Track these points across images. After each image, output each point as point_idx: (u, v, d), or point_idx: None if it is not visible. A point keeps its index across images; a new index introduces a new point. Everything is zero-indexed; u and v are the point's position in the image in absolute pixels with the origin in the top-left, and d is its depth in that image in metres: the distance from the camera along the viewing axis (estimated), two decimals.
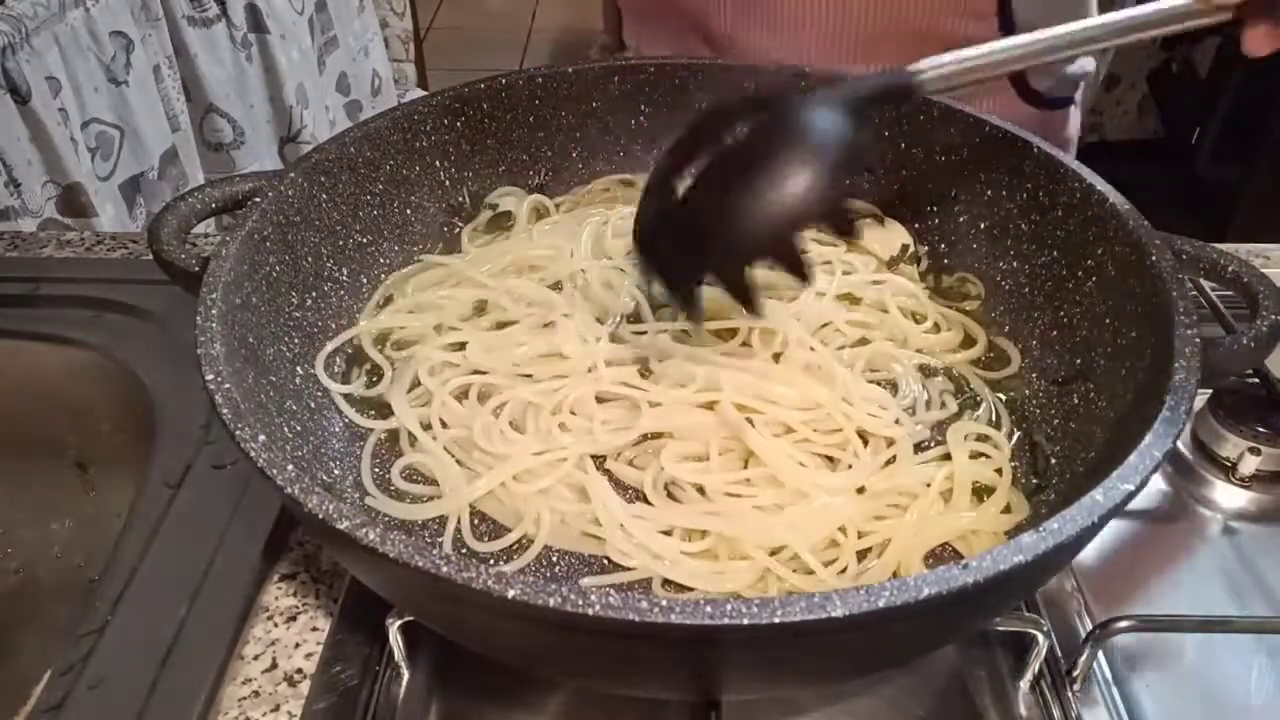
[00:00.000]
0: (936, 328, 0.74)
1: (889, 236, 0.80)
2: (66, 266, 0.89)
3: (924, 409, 0.67)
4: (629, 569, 0.57)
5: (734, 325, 0.71)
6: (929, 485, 0.61)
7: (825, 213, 0.58)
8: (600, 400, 0.66)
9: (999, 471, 0.63)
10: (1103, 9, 0.66)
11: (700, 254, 0.60)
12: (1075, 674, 0.56)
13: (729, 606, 0.39)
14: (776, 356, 0.68)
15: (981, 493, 0.62)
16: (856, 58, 0.92)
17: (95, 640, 0.56)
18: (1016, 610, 0.59)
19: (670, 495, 0.61)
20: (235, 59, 1.75)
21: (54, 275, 0.86)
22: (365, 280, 0.75)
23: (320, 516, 0.44)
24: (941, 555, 0.59)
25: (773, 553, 0.57)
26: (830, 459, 0.63)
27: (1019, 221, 0.72)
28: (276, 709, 0.56)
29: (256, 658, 0.58)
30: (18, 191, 1.33)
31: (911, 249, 0.79)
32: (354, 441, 0.66)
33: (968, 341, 0.73)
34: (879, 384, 0.68)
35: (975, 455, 0.64)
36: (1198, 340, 0.53)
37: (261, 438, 0.48)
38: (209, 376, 0.51)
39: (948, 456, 0.63)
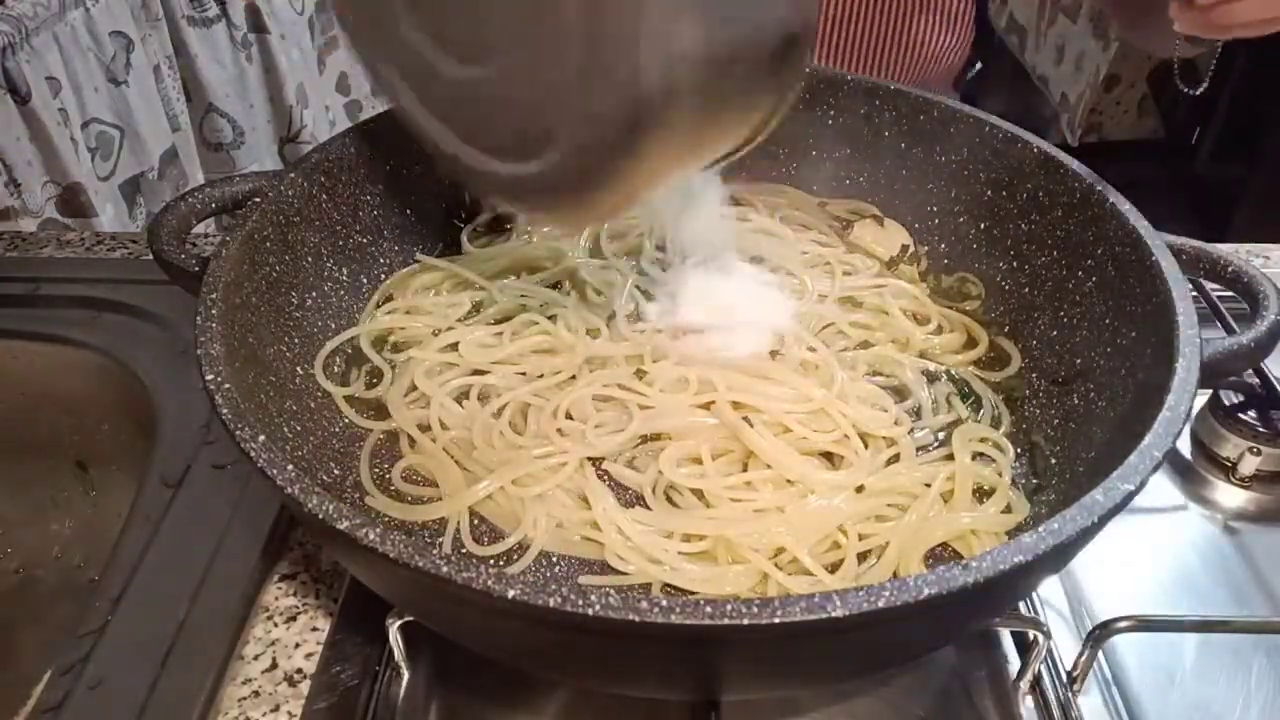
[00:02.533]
0: (940, 329, 0.74)
1: (889, 237, 0.80)
2: (66, 266, 0.89)
3: (930, 414, 0.67)
4: (627, 573, 0.57)
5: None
6: (929, 485, 0.61)
7: None
8: (599, 400, 0.66)
9: (999, 473, 0.63)
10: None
11: None
12: (1075, 674, 0.56)
13: (729, 607, 0.39)
14: (773, 354, 0.68)
15: (981, 493, 0.62)
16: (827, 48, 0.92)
17: (95, 640, 0.56)
18: (1016, 610, 0.59)
19: (669, 499, 0.61)
20: (235, 59, 1.74)
21: (54, 275, 0.86)
22: (365, 280, 0.75)
23: (320, 516, 0.44)
24: (941, 556, 0.59)
25: (774, 555, 0.57)
26: (829, 457, 0.64)
27: (1019, 221, 0.72)
28: (276, 709, 0.56)
29: (256, 658, 0.58)
30: (18, 191, 1.33)
31: (911, 249, 0.79)
32: (354, 442, 0.66)
33: (970, 343, 0.73)
34: (887, 389, 0.69)
35: (977, 457, 0.64)
36: (1198, 340, 0.53)
37: (261, 438, 0.48)
38: (209, 376, 0.51)
39: (949, 457, 0.63)
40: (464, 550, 0.59)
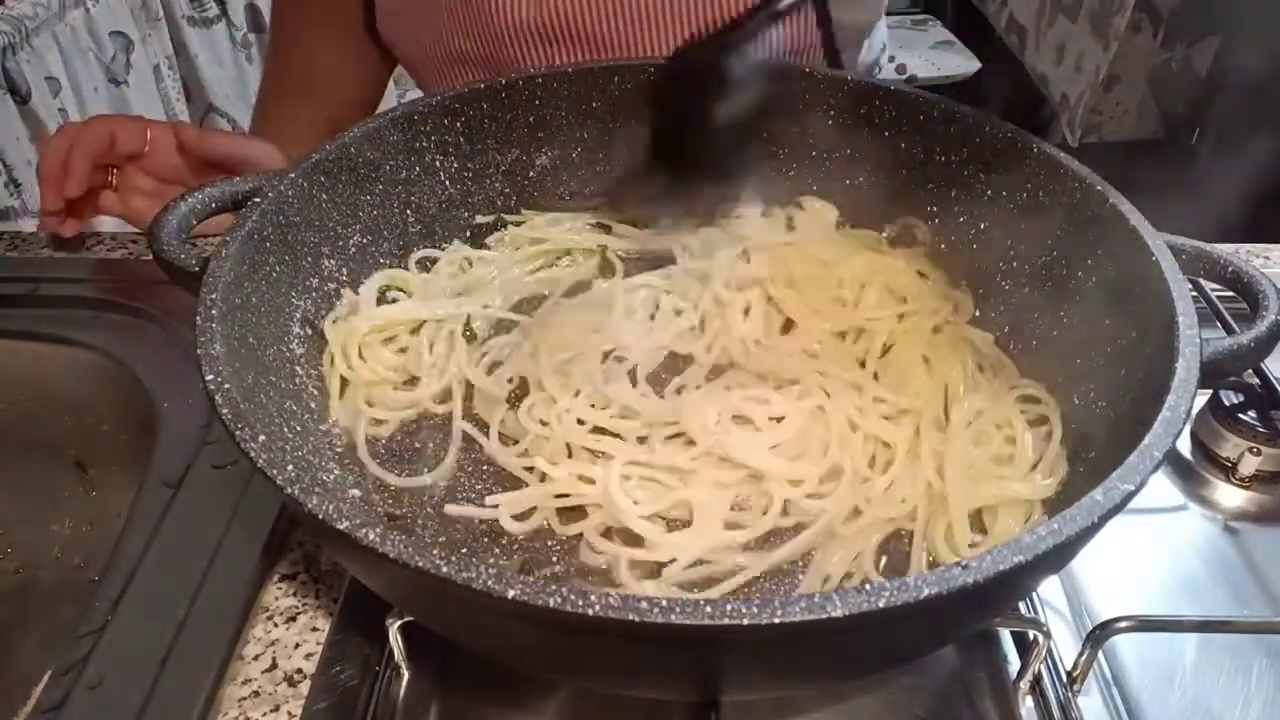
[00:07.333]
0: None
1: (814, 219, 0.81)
2: (66, 266, 0.89)
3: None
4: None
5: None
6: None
7: None
8: None
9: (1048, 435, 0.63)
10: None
11: None
12: (1075, 674, 0.56)
13: (729, 606, 0.39)
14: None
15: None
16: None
17: (95, 640, 0.56)
18: (1016, 610, 0.59)
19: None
20: (235, 59, 1.75)
21: (54, 275, 0.86)
22: (365, 280, 0.75)
23: (320, 516, 0.44)
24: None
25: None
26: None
27: (1019, 221, 0.72)
28: (276, 709, 0.56)
29: (256, 658, 0.58)
30: (18, 191, 1.33)
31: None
32: (354, 442, 0.66)
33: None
34: None
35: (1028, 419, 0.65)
36: (1198, 340, 0.53)
37: (261, 438, 0.48)
38: (209, 376, 0.51)
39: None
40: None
